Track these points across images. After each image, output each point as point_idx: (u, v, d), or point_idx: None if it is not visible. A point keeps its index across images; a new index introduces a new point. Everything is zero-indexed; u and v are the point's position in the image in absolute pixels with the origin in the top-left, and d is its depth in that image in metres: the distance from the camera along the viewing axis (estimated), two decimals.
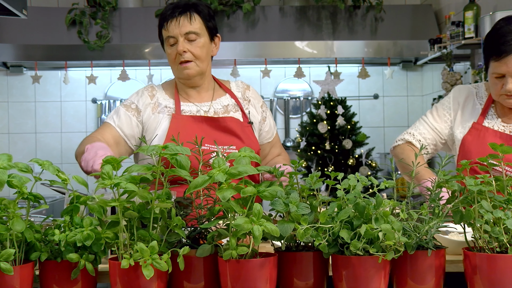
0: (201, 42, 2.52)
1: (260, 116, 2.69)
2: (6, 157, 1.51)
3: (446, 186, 1.64)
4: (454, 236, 1.86)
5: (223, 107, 2.61)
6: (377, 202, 1.56)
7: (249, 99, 2.68)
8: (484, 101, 2.60)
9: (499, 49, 2.38)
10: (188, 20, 2.50)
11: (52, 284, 1.60)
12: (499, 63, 2.39)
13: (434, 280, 1.58)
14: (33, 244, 1.59)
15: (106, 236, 1.60)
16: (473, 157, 2.43)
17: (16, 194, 1.57)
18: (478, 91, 2.64)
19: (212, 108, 2.59)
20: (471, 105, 2.62)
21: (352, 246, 1.54)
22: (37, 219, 2.32)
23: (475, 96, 2.63)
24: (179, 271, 1.59)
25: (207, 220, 1.67)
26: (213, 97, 2.62)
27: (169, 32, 2.51)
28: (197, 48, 2.51)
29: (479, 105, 2.60)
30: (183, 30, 2.49)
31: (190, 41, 2.50)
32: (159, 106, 2.56)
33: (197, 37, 2.51)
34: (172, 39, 2.51)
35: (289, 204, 1.54)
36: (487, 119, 2.55)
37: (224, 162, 1.54)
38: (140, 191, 1.56)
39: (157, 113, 2.55)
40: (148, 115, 2.55)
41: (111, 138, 2.48)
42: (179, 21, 2.49)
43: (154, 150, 1.54)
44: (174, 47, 2.52)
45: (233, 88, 2.69)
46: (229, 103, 2.63)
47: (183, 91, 2.61)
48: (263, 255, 1.59)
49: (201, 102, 2.60)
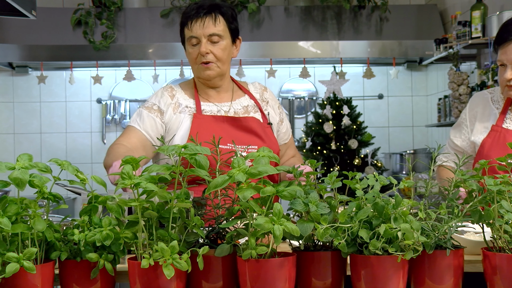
0: (223, 44, 2.52)
1: (278, 117, 2.71)
2: (27, 157, 1.52)
3: (464, 185, 1.65)
4: (470, 236, 1.86)
5: (243, 108, 2.62)
6: (396, 201, 1.56)
7: (267, 100, 2.70)
8: (501, 104, 2.60)
9: (501, 37, 2.45)
10: (212, 21, 2.50)
11: (72, 283, 1.61)
12: (501, 51, 2.44)
13: (452, 280, 1.58)
14: (53, 243, 1.60)
15: (125, 236, 1.61)
16: (492, 157, 2.42)
17: (36, 194, 1.57)
18: (493, 96, 2.64)
19: (232, 108, 2.60)
20: (488, 111, 2.61)
21: (371, 246, 1.54)
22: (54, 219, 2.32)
23: (491, 101, 2.63)
24: (197, 271, 1.59)
25: (225, 220, 1.67)
26: (232, 98, 2.63)
27: (193, 32, 2.51)
28: (219, 50, 2.51)
29: (495, 109, 2.60)
30: (207, 31, 2.49)
31: (213, 42, 2.50)
32: (180, 106, 2.57)
33: (220, 39, 2.51)
34: (194, 39, 2.51)
35: (309, 204, 1.55)
36: (506, 121, 2.55)
37: (243, 161, 1.54)
38: (160, 191, 1.56)
39: (178, 113, 2.56)
40: (170, 115, 2.55)
41: (138, 142, 2.48)
42: (204, 22, 2.49)
43: (174, 150, 1.55)
44: (196, 47, 2.52)
45: (251, 89, 2.70)
46: (249, 103, 2.64)
47: (203, 91, 2.62)
48: (281, 255, 1.60)
49: (221, 102, 2.61)
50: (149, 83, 6.02)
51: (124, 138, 2.50)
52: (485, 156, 2.50)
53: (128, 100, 6.10)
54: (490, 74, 4.01)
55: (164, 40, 5.52)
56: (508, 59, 2.42)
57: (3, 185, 1.48)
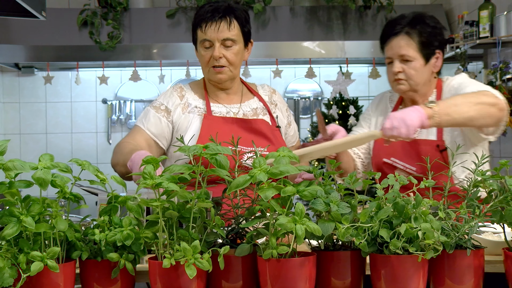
0: (236, 49, 2.52)
1: (286, 120, 2.72)
2: (48, 157, 1.52)
3: (482, 185, 1.65)
4: (488, 236, 1.87)
5: (252, 110, 2.62)
6: (416, 201, 1.57)
7: (275, 103, 2.70)
8: (394, 104, 2.68)
9: (385, 35, 2.56)
10: (227, 26, 2.48)
11: (93, 282, 1.61)
12: (387, 48, 2.54)
13: (473, 280, 1.58)
14: (73, 243, 1.61)
15: (145, 236, 1.61)
16: (382, 156, 2.54)
17: (57, 194, 1.58)
18: (392, 95, 2.73)
19: (241, 110, 2.60)
20: (385, 109, 2.71)
21: (392, 245, 1.55)
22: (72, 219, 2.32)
23: (388, 100, 2.72)
24: (217, 270, 1.60)
25: (245, 219, 1.68)
26: (241, 100, 2.63)
27: (206, 35, 2.49)
28: (232, 54, 2.51)
29: (390, 108, 2.68)
30: (221, 36, 2.48)
31: (226, 47, 2.50)
32: (189, 106, 2.57)
33: (233, 43, 2.50)
34: (208, 42, 2.50)
35: (330, 204, 1.55)
36: None
37: (265, 161, 1.55)
38: (181, 191, 1.57)
39: (187, 113, 2.56)
40: (179, 115, 2.55)
41: (143, 141, 2.50)
42: (219, 26, 2.48)
43: (195, 150, 1.55)
44: (209, 50, 2.51)
45: (260, 91, 2.71)
46: (258, 106, 2.65)
47: (213, 92, 2.62)
48: (301, 254, 1.60)
49: (231, 104, 2.61)
50: (155, 84, 6.02)
51: (130, 138, 2.52)
52: (375, 156, 2.60)
53: (134, 100, 6.10)
54: (498, 74, 4.01)
55: (170, 41, 5.52)
56: (394, 53, 2.49)
57: (27, 185, 1.48)
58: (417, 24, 2.50)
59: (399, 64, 2.48)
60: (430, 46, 2.50)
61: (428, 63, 2.50)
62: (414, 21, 2.51)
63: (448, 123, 2.24)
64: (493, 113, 2.27)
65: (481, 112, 2.24)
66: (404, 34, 2.49)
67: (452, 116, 2.21)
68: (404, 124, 2.14)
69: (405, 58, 2.47)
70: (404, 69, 2.48)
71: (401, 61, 2.48)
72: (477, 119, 2.25)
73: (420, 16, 2.54)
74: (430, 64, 2.51)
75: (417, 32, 2.49)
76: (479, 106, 2.24)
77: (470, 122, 2.26)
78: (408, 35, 2.49)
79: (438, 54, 2.52)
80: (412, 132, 2.15)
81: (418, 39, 2.48)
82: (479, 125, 2.31)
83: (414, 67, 2.47)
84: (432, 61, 2.51)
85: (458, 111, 2.22)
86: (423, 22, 2.51)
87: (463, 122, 2.26)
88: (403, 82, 2.48)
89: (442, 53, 2.55)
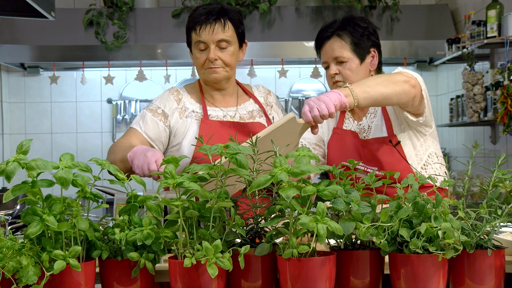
0: (231, 50, 2.52)
1: None
2: (69, 157, 1.52)
3: (503, 185, 1.65)
4: (507, 236, 1.87)
5: (248, 113, 2.63)
6: (436, 200, 1.57)
7: (271, 105, 2.71)
8: None
9: (319, 40, 2.56)
10: (221, 27, 2.50)
11: (113, 281, 1.61)
12: (322, 53, 2.56)
13: (494, 281, 1.58)
14: (93, 242, 1.61)
15: (165, 235, 1.61)
16: (336, 160, 2.54)
17: (77, 193, 1.58)
18: None
19: (238, 113, 2.61)
20: None
21: (412, 244, 1.55)
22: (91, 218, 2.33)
23: None
24: (237, 270, 1.60)
25: (264, 219, 1.68)
26: (237, 102, 2.64)
27: (201, 38, 2.50)
28: (227, 55, 2.52)
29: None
30: (216, 37, 2.49)
31: (221, 48, 2.51)
32: (186, 111, 2.58)
33: (228, 45, 2.51)
34: (202, 45, 2.51)
35: (351, 203, 1.55)
36: (345, 122, 2.64)
37: (285, 161, 1.55)
38: (201, 190, 1.57)
39: (184, 117, 2.56)
40: (176, 120, 2.56)
41: (139, 143, 2.49)
42: (213, 29, 2.49)
43: (216, 149, 1.55)
44: (204, 52, 2.52)
45: (255, 92, 2.71)
46: (254, 108, 2.65)
47: (209, 94, 2.62)
48: (321, 254, 1.60)
49: (227, 107, 2.61)
50: (160, 83, 6.02)
51: (125, 139, 2.52)
52: (331, 160, 2.61)
53: (139, 100, 6.11)
54: (506, 74, 4.02)
55: (176, 40, 5.52)
56: (329, 57, 2.52)
57: (49, 184, 1.49)
58: (347, 26, 2.52)
59: (334, 67, 2.51)
60: (363, 45, 2.51)
61: (364, 62, 2.52)
62: (344, 23, 2.53)
63: (367, 100, 2.22)
64: (407, 90, 2.28)
65: (395, 88, 2.25)
66: (336, 36, 2.51)
67: (369, 93, 2.21)
68: (322, 102, 2.12)
69: (339, 60, 2.50)
70: (340, 71, 2.51)
71: (336, 63, 2.51)
72: (393, 95, 2.26)
73: (351, 18, 2.56)
74: (366, 63, 2.53)
75: (348, 33, 2.51)
76: (391, 84, 2.25)
77: (387, 100, 2.27)
78: (340, 37, 2.51)
79: (374, 52, 2.54)
80: (332, 106, 2.12)
81: (350, 40, 2.50)
82: (396, 102, 2.31)
83: (350, 68, 2.50)
84: (367, 60, 2.53)
85: (374, 88, 2.23)
86: (353, 23, 2.53)
87: (381, 100, 2.26)
88: (341, 84, 2.49)
89: (378, 52, 2.56)
